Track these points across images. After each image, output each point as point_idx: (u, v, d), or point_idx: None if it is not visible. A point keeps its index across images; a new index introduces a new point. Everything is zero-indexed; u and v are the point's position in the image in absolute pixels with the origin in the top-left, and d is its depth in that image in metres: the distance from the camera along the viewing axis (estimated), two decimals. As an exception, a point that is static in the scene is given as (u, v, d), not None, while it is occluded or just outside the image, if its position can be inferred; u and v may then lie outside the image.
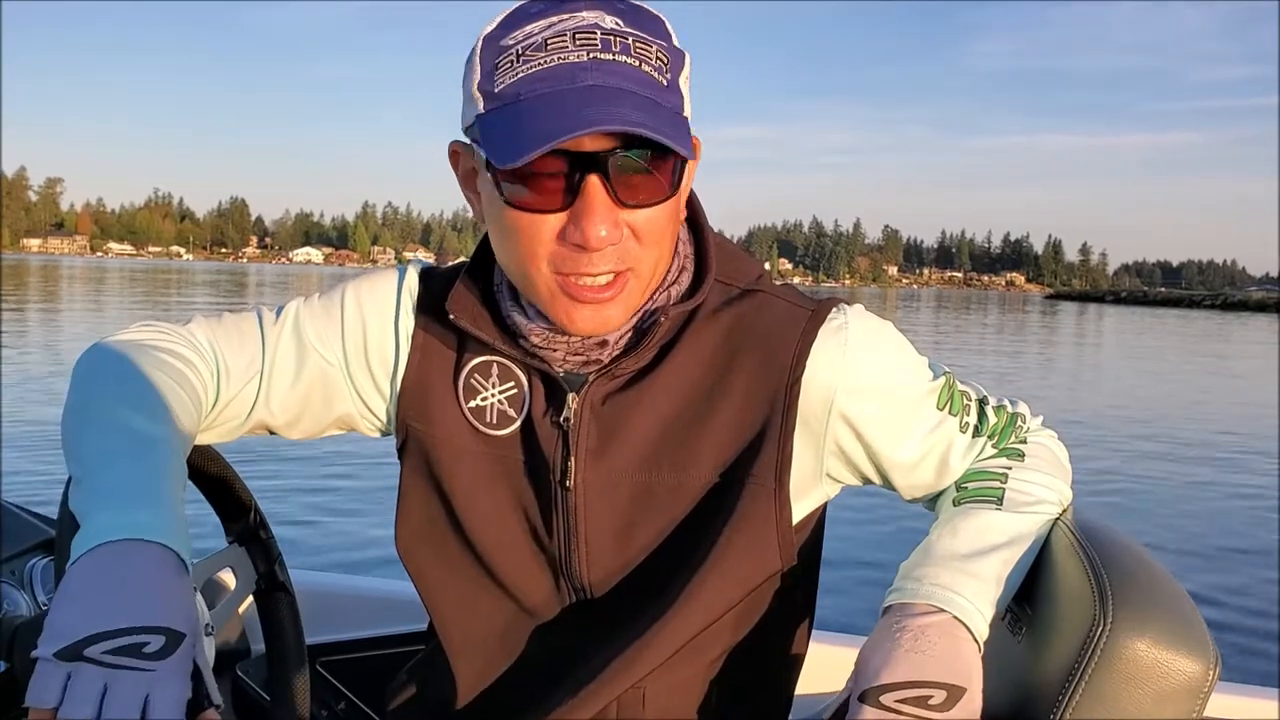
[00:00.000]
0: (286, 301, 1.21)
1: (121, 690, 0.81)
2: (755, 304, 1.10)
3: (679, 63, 0.99)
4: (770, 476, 1.07)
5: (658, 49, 0.96)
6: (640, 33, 0.96)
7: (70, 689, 0.81)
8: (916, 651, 0.97)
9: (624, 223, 0.97)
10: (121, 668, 0.82)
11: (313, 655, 1.61)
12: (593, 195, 0.94)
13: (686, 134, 0.97)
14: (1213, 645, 0.95)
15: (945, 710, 0.94)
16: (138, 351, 1.10)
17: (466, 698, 1.17)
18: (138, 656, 0.83)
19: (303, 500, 6.30)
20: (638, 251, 0.99)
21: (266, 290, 50.37)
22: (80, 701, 0.81)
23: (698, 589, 1.06)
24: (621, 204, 0.95)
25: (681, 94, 0.99)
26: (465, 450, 1.13)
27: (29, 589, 1.35)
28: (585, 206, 0.94)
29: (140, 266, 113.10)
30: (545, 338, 1.06)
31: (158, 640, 0.84)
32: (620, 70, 0.93)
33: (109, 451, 0.98)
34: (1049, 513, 1.11)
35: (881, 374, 1.09)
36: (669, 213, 1.00)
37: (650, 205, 0.97)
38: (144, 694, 0.82)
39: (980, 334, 31.97)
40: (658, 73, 0.96)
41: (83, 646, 0.82)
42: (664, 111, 0.95)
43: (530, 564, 1.12)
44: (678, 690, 1.12)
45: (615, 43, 0.94)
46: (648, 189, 0.96)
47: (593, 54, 0.93)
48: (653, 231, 0.99)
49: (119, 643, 0.83)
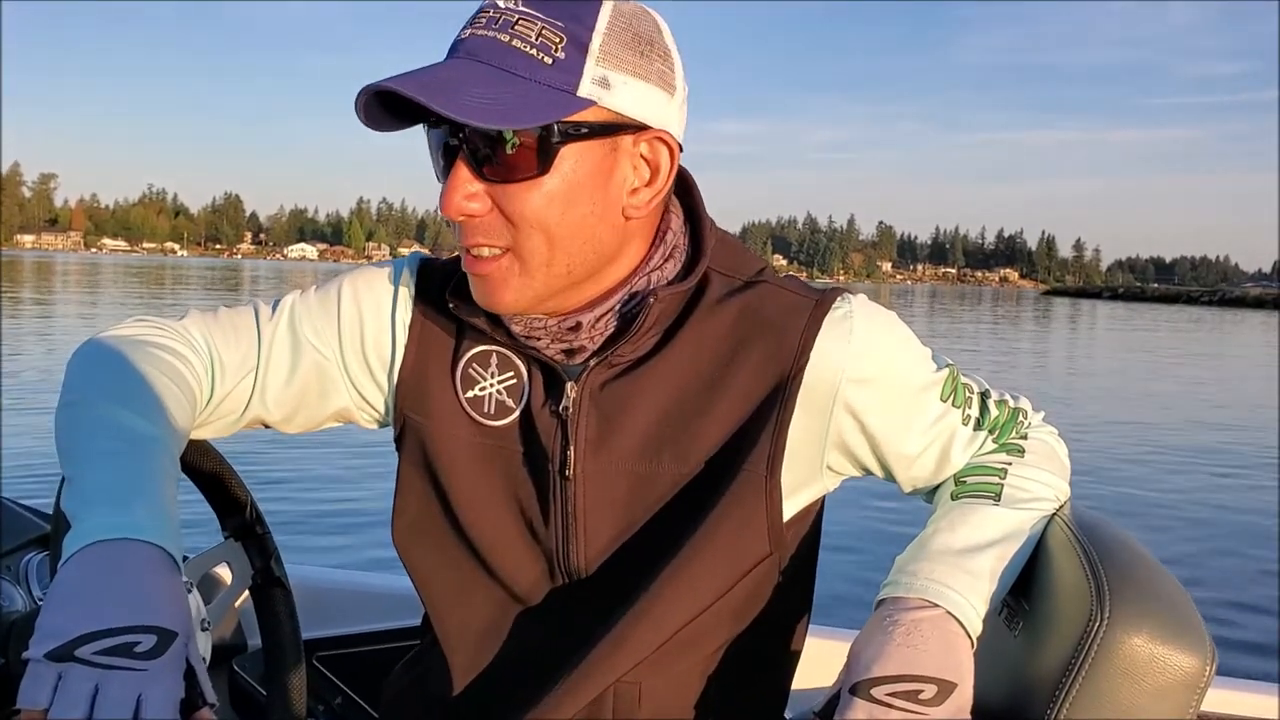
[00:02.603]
0: (282, 295, 1.20)
1: (113, 691, 0.81)
2: (759, 294, 1.10)
3: (580, 45, 0.96)
4: (764, 464, 1.07)
5: (544, 27, 0.95)
6: (534, 11, 0.96)
7: (61, 690, 0.80)
8: (908, 646, 0.97)
9: (489, 197, 0.99)
10: (113, 668, 0.82)
11: (309, 650, 1.61)
12: (457, 168, 0.98)
13: (545, 110, 0.95)
14: (1209, 640, 0.95)
15: (935, 705, 0.93)
16: (131, 347, 1.10)
17: (462, 689, 1.17)
18: (129, 656, 0.82)
19: (299, 494, 6.29)
20: (509, 232, 0.99)
21: (261, 285, 50.29)
22: (71, 702, 0.80)
23: (686, 574, 1.07)
24: (482, 177, 0.98)
25: (579, 74, 0.96)
26: (462, 441, 1.13)
27: (24, 584, 1.35)
28: (450, 178, 0.98)
29: (134, 262, 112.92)
30: (525, 325, 1.06)
31: (149, 640, 0.84)
32: (484, 45, 0.96)
33: (100, 450, 0.97)
34: (1046, 509, 1.11)
35: (886, 364, 1.09)
36: (552, 196, 0.98)
37: (512, 182, 0.97)
38: (136, 694, 0.81)
39: (988, 331, 31.87)
40: (538, 50, 0.95)
41: (73, 647, 0.82)
42: (516, 85, 0.94)
43: (526, 554, 1.12)
44: (673, 685, 1.12)
45: (499, 19, 0.96)
46: (509, 165, 0.97)
47: (471, 30, 0.97)
48: (526, 213, 0.98)
49: (110, 643, 0.82)
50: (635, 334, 1.05)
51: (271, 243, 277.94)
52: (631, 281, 1.06)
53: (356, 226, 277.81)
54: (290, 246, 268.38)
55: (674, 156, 1.04)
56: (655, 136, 1.02)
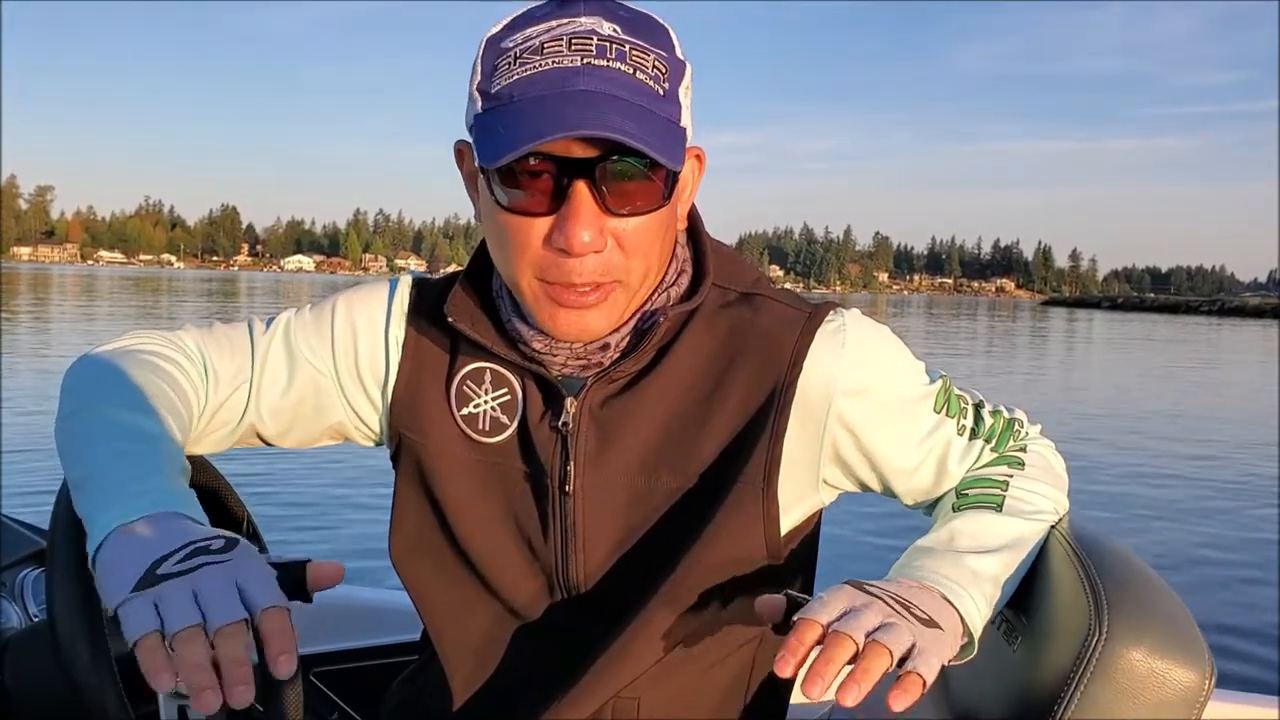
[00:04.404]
0: (278, 313, 1.20)
1: (211, 586, 0.78)
2: (753, 306, 1.11)
3: (679, 73, 0.99)
4: (759, 475, 1.07)
5: (655, 58, 0.96)
6: (638, 40, 0.96)
7: (163, 607, 0.77)
8: (905, 588, 0.95)
9: (610, 231, 0.97)
10: (200, 566, 0.80)
11: (306, 665, 1.60)
12: (579, 200, 0.94)
13: (679, 143, 0.98)
14: (1209, 655, 0.95)
15: (922, 625, 0.90)
16: (127, 357, 1.10)
17: (461, 704, 1.16)
18: (209, 554, 0.81)
19: (296, 510, 6.28)
20: (623, 263, 0.99)
21: (258, 297, 50.25)
22: (179, 612, 0.77)
23: (685, 587, 1.07)
24: (609, 211, 0.96)
25: (680, 104, 0.99)
26: (458, 458, 1.13)
27: (20, 601, 1.34)
28: (570, 211, 0.95)
29: (131, 275, 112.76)
30: (547, 343, 1.06)
31: (219, 541, 0.83)
32: (612, 76, 0.94)
33: (108, 451, 0.97)
34: (1047, 522, 1.11)
35: (879, 376, 1.09)
36: (660, 221, 1.00)
37: (640, 214, 0.98)
38: (233, 581, 0.79)
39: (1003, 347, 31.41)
40: (654, 81, 0.96)
41: (154, 570, 0.80)
42: (656, 120, 0.95)
43: (524, 569, 1.12)
44: (672, 698, 1.12)
45: (611, 49, 0.94)
46: (638, 197, 0.97)
47: (586, 59, 0.93)
48: (640, 241, 0.99)
49: (186, 550, 0.81)
50: (641, 350, 1.06)
51: (268, 254, 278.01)
52: (653, 299, 1.07)
53: (353, 238, 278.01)
54: (287, 258, 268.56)
55: (702, 168, 1.07)
56: (695, 154, 1.06)
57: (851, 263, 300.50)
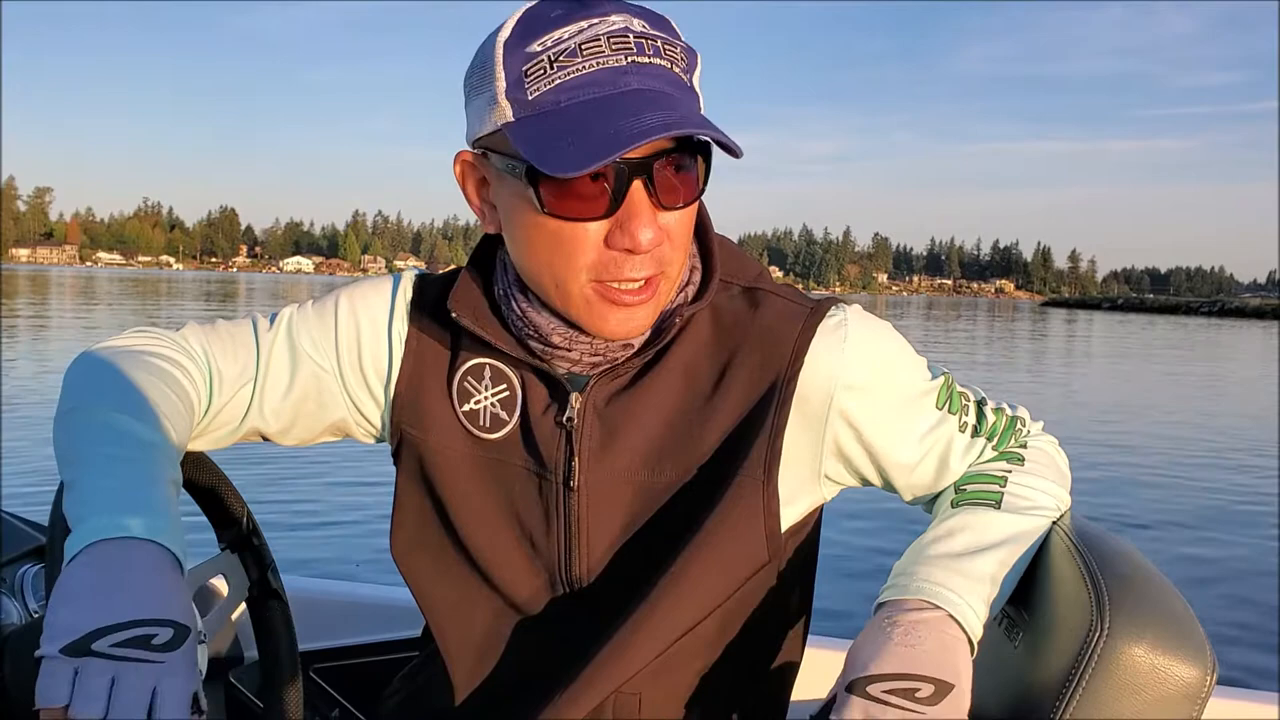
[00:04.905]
0: (280, 309, 1.20)
1: (130, 683, 0.80)
2: (755, 301, 1.11)
3: (694, 63, 1.00)
4: (759, 469, 1.07)
5: (680, 49, 0.97)
6: (664, 34, 0.96)
7: (79, 684, 0.80)
8: (906, 645, 0.96)
9: (662, 226, 0.97)
10: (130, 660, 0.81)
11: (306, 662, 1.60)
12: (639, 200, 0.95)
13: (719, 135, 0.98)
14: (1210, 651, 0.95)
15: (932, 704, 0.93)
16: (129, 357, 1.10)
17: (462, 700, 1.16)
18: (147, 648, 0.82)
19: (296, 506, 6.27)
20: (670, 254, 1.00)
21: (257, 298, 50.22)
22: (90, 696, 0.79)
23: (686, 582, 1.06)
24: (661, 207, 0.97)
25: (699, 93, 1.00)
26: (459, 454, 1.13)
27: (20, 596, 1.34)
28: (633, 211, 0.95)
29: (130, 276, 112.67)
30: (567, 338, 1.06)
31: (166, 632, 0.83)
32: (658, 73, 0.94)
33: (102, 455, 0.98)
34: (1047, 517, 1.11)
35: (880, 371, 1.09)
36: (694, 212, 1.02)
37: (684, 207, 0.99)
38: (152, 686, 0.81)
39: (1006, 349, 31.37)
40: (684, 74, 0.97)
41: (89, 641, 0.81)
42: (699, 112, 0.96)
43: (526, 565, 1.12)
44: (673, 694, 1.12)
45: (648, 45, 0.94)
46: (683, 190, 0.98)
47: (630, 57, 0.93)
48: (684, 233, 1.01)
49: (127, 635, 0.82)
50: (649, 348, 1.06)
51: (267, 256, 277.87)
52: (675, 297, 1.07)
53: (352, 239, 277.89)
54: (286, 259, 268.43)
55: None
56: None
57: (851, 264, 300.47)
